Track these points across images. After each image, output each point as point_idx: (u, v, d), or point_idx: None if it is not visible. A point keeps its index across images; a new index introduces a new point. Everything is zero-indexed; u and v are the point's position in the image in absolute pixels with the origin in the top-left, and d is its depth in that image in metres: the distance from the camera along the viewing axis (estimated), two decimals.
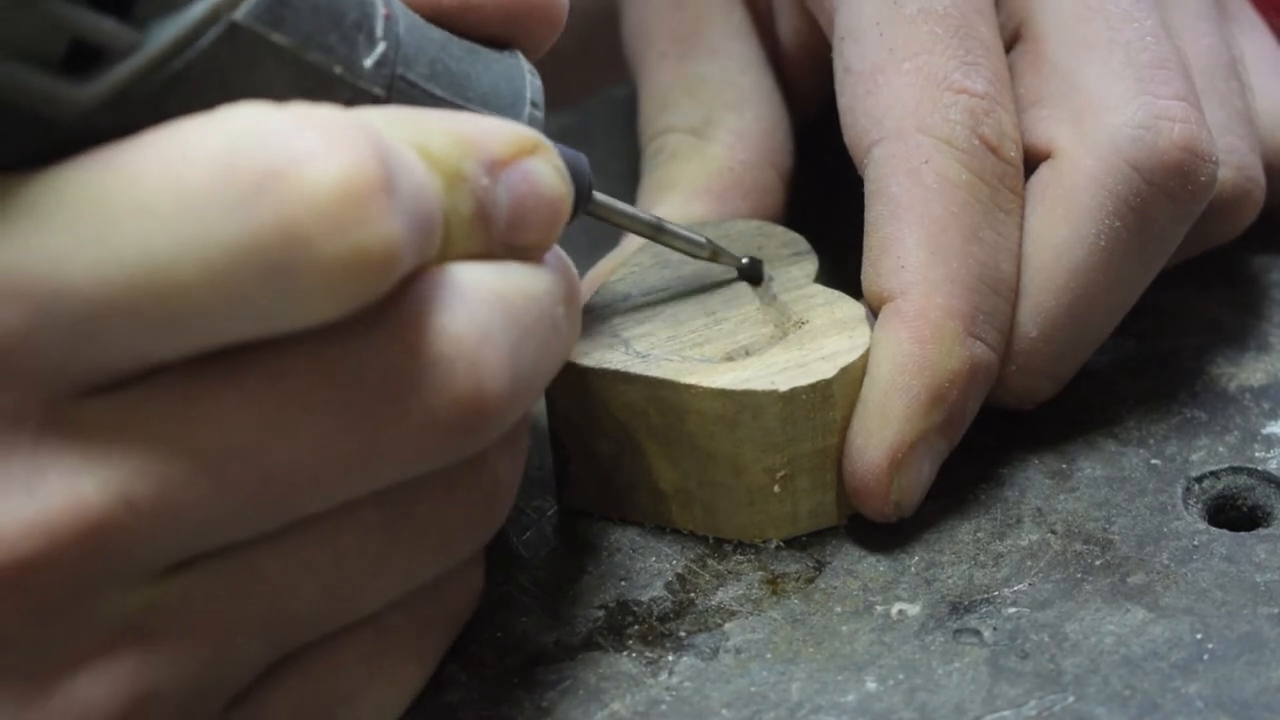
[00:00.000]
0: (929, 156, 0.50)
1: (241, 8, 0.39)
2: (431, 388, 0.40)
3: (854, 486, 0.50)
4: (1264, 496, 0.52)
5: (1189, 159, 0.50)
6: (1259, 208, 0.55)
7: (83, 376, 0.38)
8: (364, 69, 0.42)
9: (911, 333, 0.49)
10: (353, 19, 0.41)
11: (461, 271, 0.41)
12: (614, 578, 0.50)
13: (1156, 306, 0.56)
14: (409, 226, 0.38)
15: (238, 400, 0.38)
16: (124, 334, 0.37)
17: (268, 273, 0.37)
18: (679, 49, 0.61)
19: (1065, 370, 0.53)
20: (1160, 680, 0.45)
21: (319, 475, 0.39)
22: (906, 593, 0.49)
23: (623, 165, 0.66)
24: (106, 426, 0.38)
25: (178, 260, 0.36)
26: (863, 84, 0.52)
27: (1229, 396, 0.55)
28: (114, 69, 0.38)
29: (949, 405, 0.49)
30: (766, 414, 0.49)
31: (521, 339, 0.42)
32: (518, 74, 0.47)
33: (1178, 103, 0.51)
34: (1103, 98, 0.51)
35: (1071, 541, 0.50)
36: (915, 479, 0.50)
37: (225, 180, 0.37)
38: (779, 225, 0.56)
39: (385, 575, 0.43)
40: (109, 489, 0.38)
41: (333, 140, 0.37)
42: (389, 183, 0.37)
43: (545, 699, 0.47)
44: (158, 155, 0.37)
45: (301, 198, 0.36)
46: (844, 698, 0.46)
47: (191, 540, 0.39)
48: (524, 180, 0.43)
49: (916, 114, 0.51)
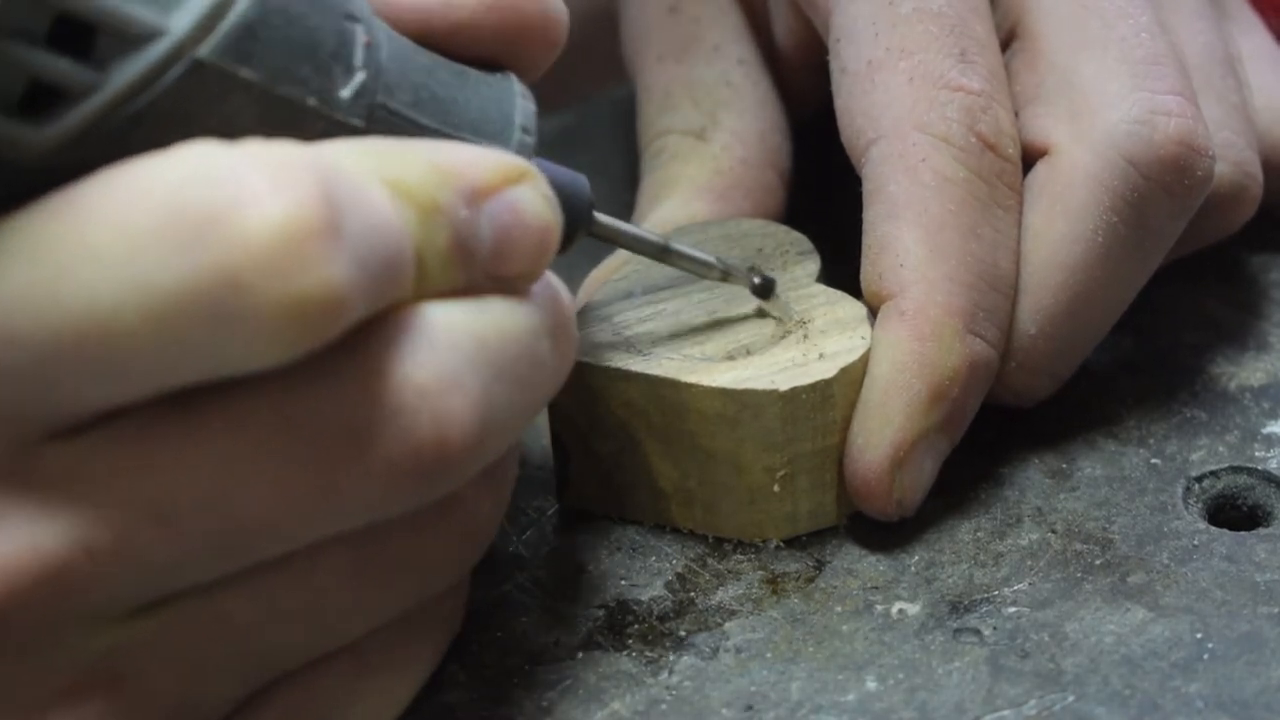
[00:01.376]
0: (926, 154, 0.50)
1: (206, 44, 0.38)
2: (392, 435, 0.39)
3: (855, 486, 0.49)
4: (1264, 496, 0.52)
5: (1185, 153, 0.50)
6: (1257, 203, 0.55)
7: (41, 422, 0.38)
8: (340, 100, 0.41)
9: (911, 331, 0.49)
10: (329, 49, 0.41)
11: (434, 312, 0.40)
12: (614, 577, 0.50)
13: (1156, 305, 0.56)
14: (358, 270, 0.37)
15: (195, 446, 0.38)
16: (76, 381, 0.37)
17: (208, 318, 0.36)
18: (677, 51, 0.61)
19: (1064, 368, 0.53)
20: (1160, 680, 0.45)
21: (278, 520, 0.39)
22: (906, 592, 0.49)
23: (623, 165, 0.66)
24: (65, 473, 0.38)
25: (120, 307, 0.36)
26: (859, 84, 0.52)
27: (1229, 396, 0.55)
28: (73, 110, 0.37)
29: (950, 403, 0.49)
30: (767, 413, 0.49)
31: (494, 380, 0.41)
32: (508, 98, 0.46)
33: (1173, 98, 0.51)
34: (1098, 94, 0.51)
35: (1071, 541, 0.50)
36: (917, 478, 0.50)
37: (166, 225, 0.36)
38: (780, 225, 0.56)
39: (357, 614, 0.43)
40: (68, 537, 0.38)
41: (276, 181, 0.36)
42: (334, 225, 0.37)
43: (545, 698, 0.47)
44: (104, 201, 0.37)
45: (240, 242, 0.36)
46: (844, 697, 0.46)
47: (153, 585, 0.39)
48: (508, 210, 0.42)
49: (913, 112, 0.50)
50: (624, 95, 0.69)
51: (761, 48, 0.62)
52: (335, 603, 0.42)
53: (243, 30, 0.39)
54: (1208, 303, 0.59)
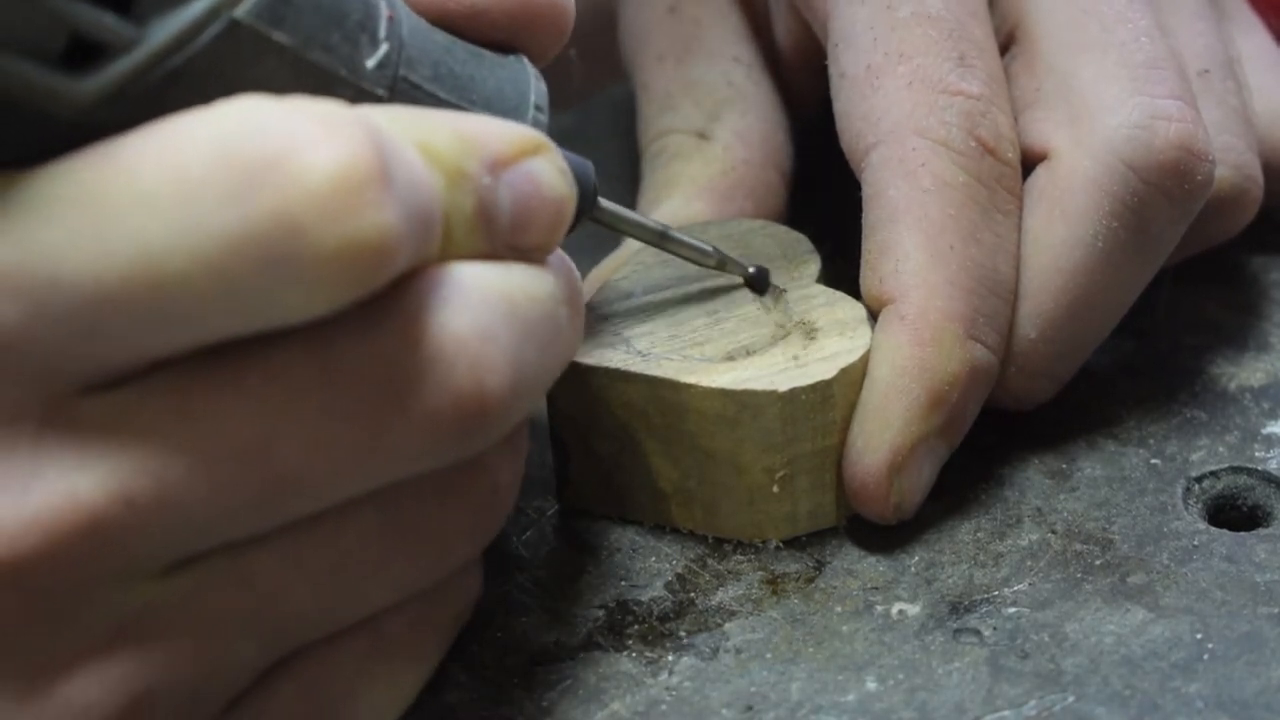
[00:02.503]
0: (926, 159, 0.50)
1: (242, 5, 0.39)
2: (432, 385, 0.39)
3: (854, 489, 0.50)
4: (1264, 496, 0.52)
5: (1185, 158, 0.50)
6: (1257, 206, 0.55)
7: (81, 373, 0.38)
8: (366, 69, 0.42)
9: (911, 336, 0.49)
10: (355, 20, 0.41)
11: (464, 270, 0.41)
12: (614, 577, 0.50)
13: (1156, 306, 0.56)
14: (406, 219, 0.38)
15: (237, 397, 0.38)
16: (122, 329, 0.37)
17: (263, 263, 0.36)
18: (677, 52, 0.61)
19: (1064, 371, 0.53)
20: (1160, 680, 0.45)
21: (318, 473, 0.39)
22: (906, 592, 0.49)
23: (623, 165, 0.66)
24: (105, 424, 0.38)
25: (173, 252, 0.36)
26: (858, 88, 0.52)
27: (1229, 396, 0.55)
28: (114, 65, 0.38)
29: (949, 408, 0.49)
30: (766, 414, 0.49)
31: (524, 340, 0.41)
32: (522, 78, 0.47)
33: (1173, 102, 0.51)
34: (1098, 99, 0.51)
35: (1071, 541, 0.50)
36: (915, 482, 0.50)
37: (221, 171, 0.36)
38: (781, 225, 0.56)
39: (383, 579, 0.43)
40: (107, 487, 0.38)
41: (329, 130, 0.37)
42: (386, 174, 0.37)
43: (545, 699, 0.47)
44: (154, 148, 0.37)
45: (296, 187, 0.36)
46: (844, 697, 0.46)
47: (190, 538, 0.39)
48: (527, 180, 0.42)
49: (912, 117, 0.50)
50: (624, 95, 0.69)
51: (762, 49, 0.62)
52: (361, 566, 0.42)
53: None
54: (1208, 304, 0.59)
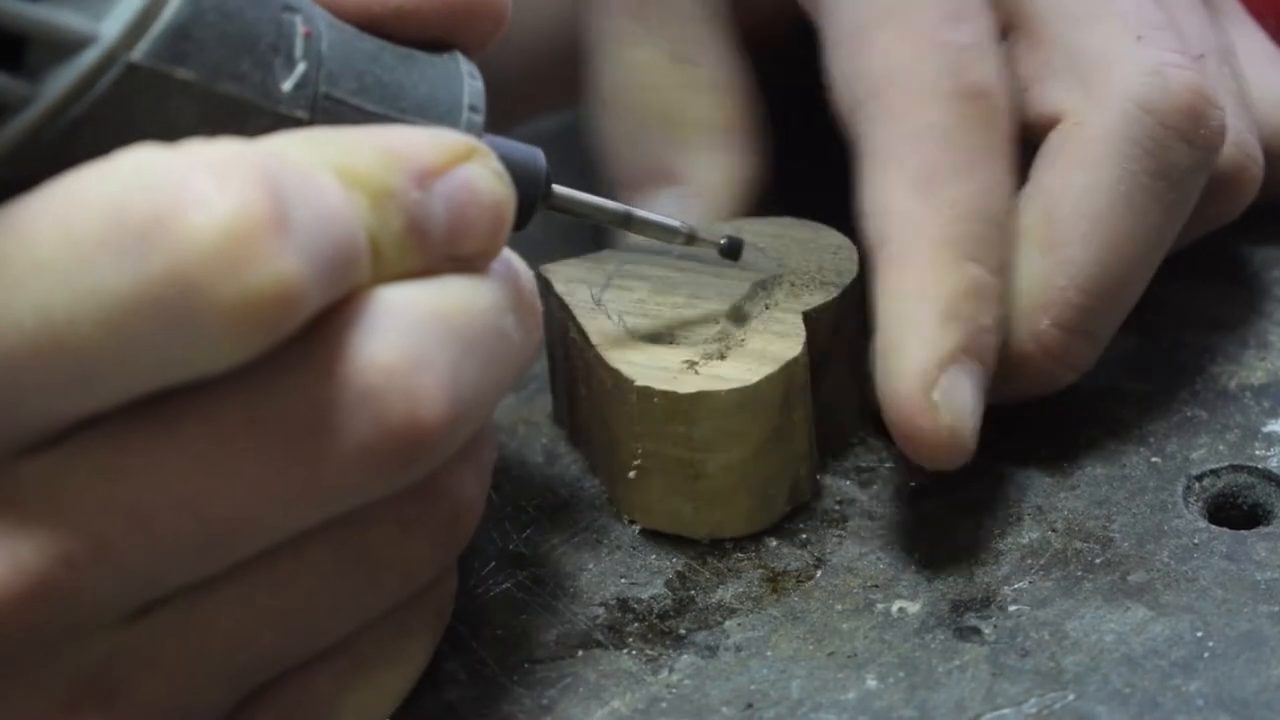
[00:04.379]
0: (912, 104, 0.50)
1: (139, 47, 0.38)
2: (363, 420, 0.39)
3: (896, 421, 0.48)
4: (1264, 495, 0.52)
5: (1199, 101, 0.50)
6: (1258, 185, 0.55)
7: (13, 438, 0.38)
8: (283, 93, 0.41)
9: (900, 269, 0.48)
10: (267, 42, 0.40)
11: (392, 294, 0.40)
12: (614, 575, 0.50)
13: (1157, 303, 0.56)
14: (309, 261, 0.37)
15: (166, 450, 0.38)
16: (38, 394, 0.37)
17: (162, 322, 0.36)
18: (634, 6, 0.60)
19: (1101, 329, 0.51)
20: (1160, 678, 0.45)
21: (256, 516, 0.39)
22: (907, 590, 0.49)
23: None
24: (40, 487, 0.38)
25: (72, 317, 0.36)
26: (847, 46, 0.52)
27: (1229, 394, 0.55)
28: (9, 123, 0.37)
29: (962, 323, 0.48)
30: (627, 400, 0.49)
31: (462, 357, 0.40)
32: (455, 78, 0.45)
33: (1179, 54, 0.51)
34: (1107, 57, 0.51)
35: (1072, 539, 0.50)
36: (959, 399, 0.47)
37: (111, 231, 0.36)
38: (841, 238, 0.54)
39: (347, 609, 0.43)
40: (47, 552, 0.37)
41: (219, 180, 0.36)
42: (281, 219, 0.36)
43: (545, 697, 0.47)
44: (48, 211, 0.36)
45: (186, 243, 0.36)
46: (844, 695, 0.46)
47: (137, 591, 0.39)
48: (461, 188, 0.41)
49: (902, 67, 0.50)
50: None
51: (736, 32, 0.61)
52: (322, 601, 0.42)
53: (176, 30, 0.38)
54: (1208, 301, 0.59)
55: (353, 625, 0.43)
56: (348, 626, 0.43)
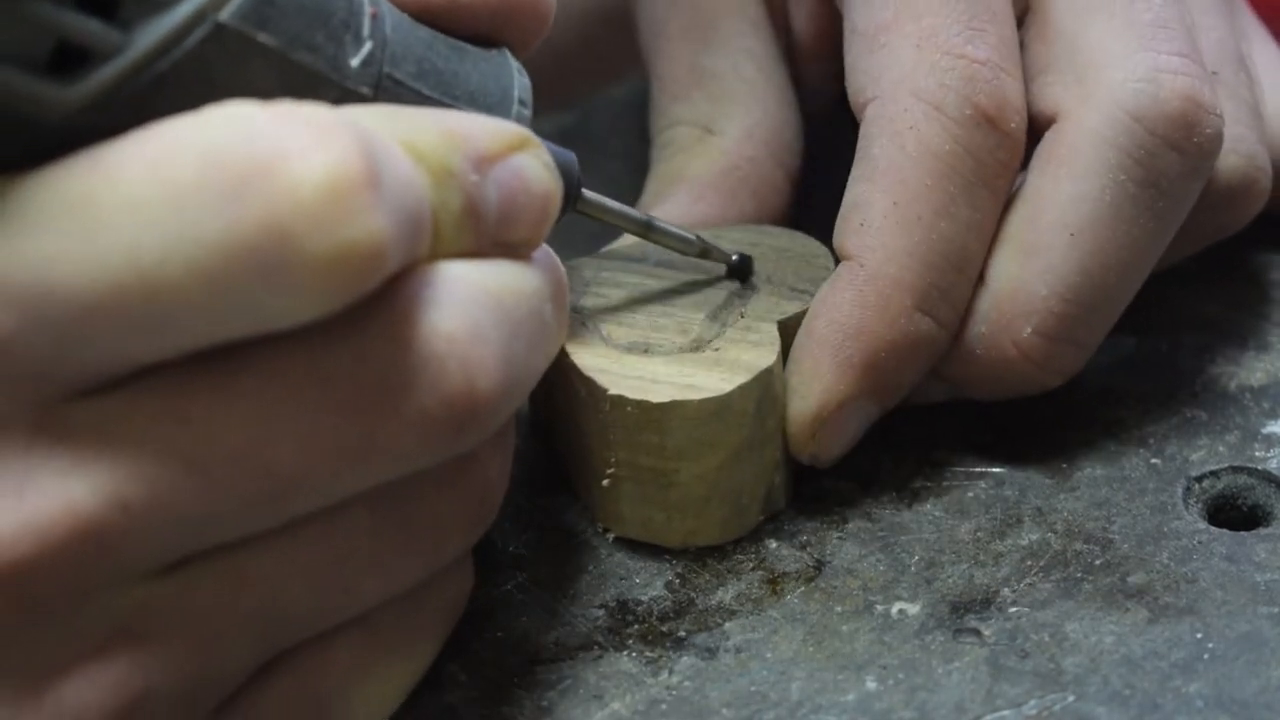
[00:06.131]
0: (915, 122, 0.50)
1: (227, 8, 0.39)
2: (424, 385, 0.40)
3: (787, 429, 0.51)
4: (1264, 496, 0.52)
5: (1191, 109, 0.50)
6: (1266, 196, 0.55)
7: (73, 379, 0.38)
8: (351, 68, 0.42)
9: (856, 296, 0.49)
10: (339, 18, 0.41)
11: (453, 269, 0.41)
12: (614, 577, 0.50)
13: (1156, 304, 0.56)
14: (396, 223, 0.38)
15: (230, 400, 0.38)
16: (113, 336, 0.37)
17: (254, 270, 0.36)
18: (692, 40, 0.61)
19: (1087, 336, 0.51)
20: (1160, 680, 0.45)
21: (311, 474, 0.39)
22: (907, 592, 0.49)
23: (623, 166, 0.66)
24: (98, 429, 0.38)
25: (164, 259, 0.36)
26: (865, 42, 0.52)
27: (1229, 396, 0.55)
28: (100, 70, 0.38)
29: (881, 374, 0.50)
30: (599, 407, 0.49)
31: (512, 337, 0.42)
32: (505, 72, 0.47)
33: (1179, 58, 0.50)
34: (1103, 55, 0.51)
35: (1071, 541, 0.50)
36: (836, 438, 0.51)
37: (210, 177, 0.36)
38: (820, 247, 0.55)
39: (376, 575, 0.43)
40: (101, 492, 0.38)
41: (318, 136, 0.37)
42: (375, 178, 0.37)
43: (545, 698, 0.47)
44: (143, 154, 0.37)
45: (287, 194, 0.36)
46: (844, 697, 0.46)
47: (185, 541, 0.39)
48: (514, 176, 0.42)
49: (911, 76, 0.50)
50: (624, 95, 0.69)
51: (779, 40, 0.61)
52: (356, 563, 0.42)
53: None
54: (1208, 303, 0.59)
55: (380, 594, 0.43)
56: (375, 593, 0.43)
